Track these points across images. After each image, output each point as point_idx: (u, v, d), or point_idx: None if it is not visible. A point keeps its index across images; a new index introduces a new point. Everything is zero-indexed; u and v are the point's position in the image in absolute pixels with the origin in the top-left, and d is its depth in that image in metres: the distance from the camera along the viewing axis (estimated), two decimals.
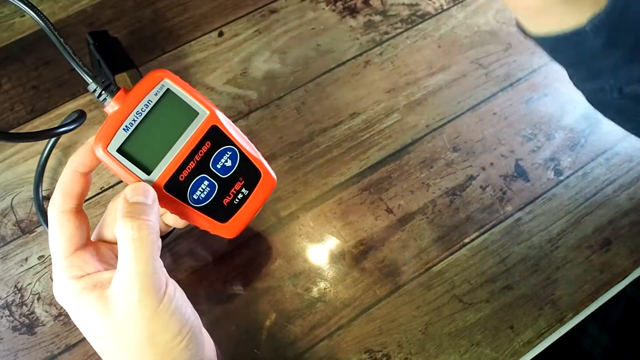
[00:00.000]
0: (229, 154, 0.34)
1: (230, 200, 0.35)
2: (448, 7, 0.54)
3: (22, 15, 0.51)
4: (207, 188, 0.34)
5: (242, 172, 0.34)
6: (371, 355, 0.41)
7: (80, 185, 0.33)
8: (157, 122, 0.32)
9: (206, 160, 0.33)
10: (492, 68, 0.51)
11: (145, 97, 0.32)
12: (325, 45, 0.51)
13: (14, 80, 0.48)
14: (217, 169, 0.34)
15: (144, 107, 0.32)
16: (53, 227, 0.33)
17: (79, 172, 0.33)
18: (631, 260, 0.44)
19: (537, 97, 0.50)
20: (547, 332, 0.41)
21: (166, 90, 0.32)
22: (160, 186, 0.33)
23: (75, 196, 0.33)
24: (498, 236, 0.44)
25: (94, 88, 0.32)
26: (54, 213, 0.33)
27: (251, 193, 0.35)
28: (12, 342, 0.40)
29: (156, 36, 0.51)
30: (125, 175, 0.32)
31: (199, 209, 0.34)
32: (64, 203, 0.33)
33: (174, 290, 0.33)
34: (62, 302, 0.34)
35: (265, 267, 0.43)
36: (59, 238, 0.33)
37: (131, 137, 0.32)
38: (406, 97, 0.50)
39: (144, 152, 0.32)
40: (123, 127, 0.32)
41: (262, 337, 0.41)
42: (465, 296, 0.42)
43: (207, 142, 0.33)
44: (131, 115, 0.32)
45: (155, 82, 0.32)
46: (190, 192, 0.33)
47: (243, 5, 0.53)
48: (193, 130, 0.33)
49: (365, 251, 0.44)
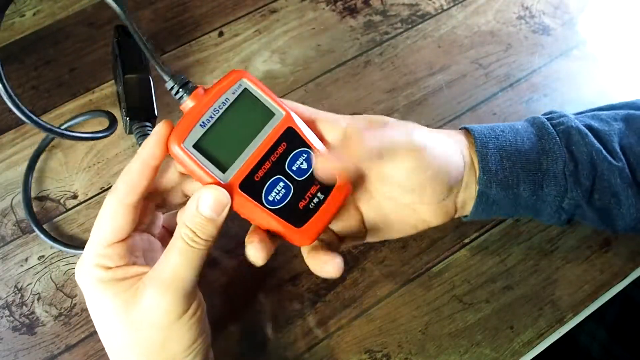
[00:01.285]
0: (304, 157, 0.33)
1: (306, 204, 0.33)
2: (448, 7, 0.54)
3: (22, 15, 0.51)
4: (282, 190, 0.33)
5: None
6: (371, 355, 0.41)
7: (147, 179, 0.32)
8: (233, 120, 0.32)
9: (282, 161, 0.33)
10: (492, 68, 0.51)
11: (223, 95, 0.32)
12: (325, 45, 0.51)
13: (13, 80, 0.48)
14: (292, 171, 0.33)
15: (221, 104, 0.32)
16: (105, 214, 0.32)
17: (149, 165, 0.32)
18: (631, 261, 0.44)
19: (537, 98, 0.50)
20: (547, 332, 0.41)
21: (243, 90, 0.32)
22: (235, 185, 0.32)
23: (140, 191, 0.32)
24: (498, 236, 0.44)
25: (171, 85, 0.32)
26: (112, 202, 0.32)
27: (327, 198, 0.33)
28: (12, 342, 0.40)
29: (156, 36, 0.51)
30: (199, 172, 0.31)
31: (274, 212, 0.33)
32: (127, 195, 0.32)
33: (198, 305, 0.32)
34: (84, 287, 0.33)
35: (266, 267, 0.43)
36: (106, 227, 0.32)
37: (207, 134, 0.31)
38: (406, 97, 0.50)
39: (220, 149, 0.32)
40: (200, 123, 0.31)
41: (262, 337, 0.41)
42: (465, 296, 0.42)
43: (283, 143, 0.33)
44: (208, 112, 0.31)
45: (234, 81, 0.32)
46: (265, 193, 0.32)
47: (243, 5, 0.53)
48: (269, 130, 0.32)
49: (365, 251, 0.44)
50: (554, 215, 0.38)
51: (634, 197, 0.37)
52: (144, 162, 0.32)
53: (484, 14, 0.54)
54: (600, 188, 0.37)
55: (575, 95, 0.51)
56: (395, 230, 0.38)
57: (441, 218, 0.37)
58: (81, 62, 0.49)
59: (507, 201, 0.37)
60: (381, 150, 0.33)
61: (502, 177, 0.36)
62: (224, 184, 0.32)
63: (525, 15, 0.54)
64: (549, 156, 0.37)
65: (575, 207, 0.37)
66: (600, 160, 0.37)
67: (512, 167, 0.37)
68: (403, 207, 0.37)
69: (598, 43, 0.53)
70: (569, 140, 0.38)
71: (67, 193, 0.45)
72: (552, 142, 0.37)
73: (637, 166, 0.37)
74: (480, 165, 0.36)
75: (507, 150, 0.37)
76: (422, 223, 0.38)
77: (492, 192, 0.37)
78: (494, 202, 0.37)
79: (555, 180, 0.37)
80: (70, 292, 0.41)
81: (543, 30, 0.53)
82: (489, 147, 0.37)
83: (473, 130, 0.38)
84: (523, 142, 0.38)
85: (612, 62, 0.52)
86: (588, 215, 0.38)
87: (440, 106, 0.49)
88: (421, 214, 0.37)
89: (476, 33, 0.53)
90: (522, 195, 0.37)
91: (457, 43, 0.52)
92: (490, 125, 0.39)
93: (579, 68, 0.52)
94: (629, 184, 0.37)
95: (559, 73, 0.51)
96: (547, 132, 0.38)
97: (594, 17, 0.55)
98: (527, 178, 0.37)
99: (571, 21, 0.54)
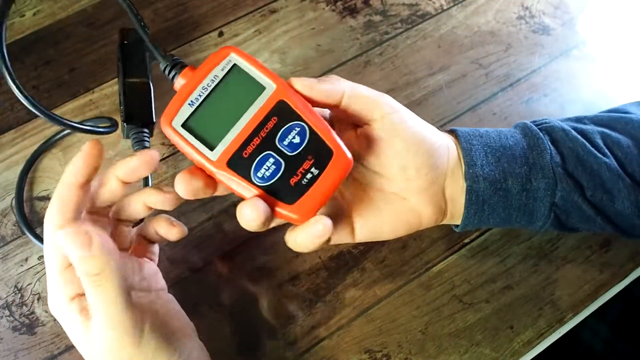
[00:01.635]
0: (297, 130, 0.32)
1: (298, 180, 0.32)
2: (448, 7, 0.54)
3: (22, 15, 0.51)
4: (272, 166, 0.32)
5: (312, 150, 0.32)
6: (371, 355, 0.41)
7: (77, 196, 0.32)
8: (222, 97, 0.31)
9: (272, 136, 0.32)
10: (492, 68, 0.51)
11: (212, 72, 0.31)
12: (325, 45, 0.51)
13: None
14: (283, 146, 0.32)
15: (210, 82, 0.31)
16: (48, 241, 0.32)
17: (74, 184, 0.32)
18: (631, 261, 0.44)
19: (537, 98, 0.50)
20: (547, 332, 0.42)
21: (233, 65, 0.32)
22: (223, 162, 0.31)
23: (71, 209, 0.32)
24: (498, 236, 0.44)
25: (164, 65, 0.32)
26: (49, 229, 0.32)
27: (322, 173, 0.32)
28: (12, 342, 0.40)
29: (156, 36, 0.51)
30: (189, 151, 0.31)
31: (264, 189, 0.32)
32: (58, 218, 0.32)
33: (153, 324, 0.32)
34: (56, 315, 0.34)
35: (266, 267, 0.43)
36: (53, 252, 0.32)
37: (196, 113, 0.31)
38: (406, 97, 0.50)
39: (208, 127, 0.31)
40: (188, 102, 0.31)
41: (262, 337, 0.41)
42: (465, 296, 0.42)
43: (274, 118, 0.32)
44: (196, 91, 0.31)
45: (222, 57, 0.32)
46: (254, 170, 0.32)
47: (243, 5, 0.53)
48: (259, 105, 0.32)
49: (365, 251, 0.44)
50: (549, 216, 0.38)
51: (625, 190, 0.37)
52: (70, 183, 0.32)
53: (484, 14, 0.54)
54: (592, 185, 0.37)
55: (575, 95, 0.51)
56: (387, 225, 0.37)
57: (432, 209, 0.37)
58: (81, 62, 0.49)
59: (497, 199, 0.37)
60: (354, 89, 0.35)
61: (488, 170, 0.37)
62: (213, 161, 0.31)
63: (525, 15, 0.54)
64: (534, 150, 0.37)
65: (570, 206, 0.37)
66: (586, 155, 0.37)
67: (498, 162, 0.37)
68: (394, 198, 0.37)
69: (598, 43, 0.53)
70: (553, 136, 0.38)
71: None
72: (537, 138, 0.38)
73: (626, 160, 0.37)
74: (465, 160, 0.37)
75: (492, 146, 0.37)
76: (414, 217, 0.37)
77: (480, 188, 0.37)
78: (484, 201, 0.37)
79: (543, 172, 0.37)
80: None
81: (543, 30, 0.53)
82: (473, 144, 0.37)
83: (457, 130, 0.39)
84: (507, 139, 0.38)
85: (612, 62, 0.52)
86: (587, 215, 0.38)
87: (440, 106, 0.49)
88: (412, 203, 0.37)
89: (476, 33, 0.53)
90: (512, 191, 0.37)
91: (457, 43, 0.52)
92: (474, 128, 0.40)
93: (579, 68, 0.52)
94: (618, 176, 0.37)
95: (559, 73, 0.51)
96: (531, 130, 0.38)
97: (594, 17, 0.55)
98: (513, 172, 0.37)
99: (571, 21, 0.54)
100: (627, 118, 0.40)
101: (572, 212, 0.38)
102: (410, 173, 0.36)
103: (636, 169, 0.37)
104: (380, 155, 0.36)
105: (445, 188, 0.37)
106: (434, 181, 0.36)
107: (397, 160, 0.35)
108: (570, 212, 0.38)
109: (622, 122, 0.40)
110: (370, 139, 0.36)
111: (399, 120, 0.35)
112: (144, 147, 0.42)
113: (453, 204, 0.38)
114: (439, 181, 0.37)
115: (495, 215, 0.38)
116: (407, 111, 0.37)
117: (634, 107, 0.42)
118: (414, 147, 0.35)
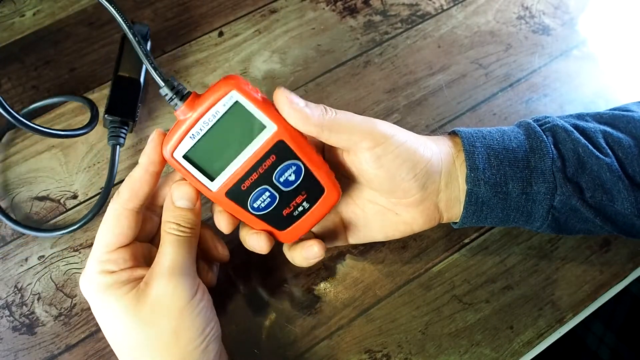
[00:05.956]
0: (293, 169, 0.34)
1: (290, 212, 0.36)
2: (448, 7, 0.54)
3: (21, 15, 0.51)
4: (267, 199, 0.35)
5: (305, 186, 0.35)
6: (371, 355, 0.41)
7: (149, 185, 0.34)
8: (223, 132, 0.33)
9: (269, 173, 0.34)
10: (492, 68, 0.51)
11: (213, 107, 0.32)
12: (325, 45, 0.51)
13: (14, 80, 0.48)
14: (279, 182, 0.35)
15: (211, 117, 0.33)
16: (109, 220, 0.34)
17: (149, 172, 0.34)
18: (631, 261, 0.44)
19: (536, 98, 0.50)
20: (547, 332, 0.42)
21: (234, 103, 0.33)
22: (222, 193, 0.34)
23: (142, 196, 0.34)
24: (498, 236, 0.44)
25: (165, 92, 0.33)
26: (116, 207, 0.34)
27: (312, 207, 0.36)
28: (12, 342, 0.40)
29: (156, 36, 0.51)
30: (191, 180, 0.34)
31: (258, 216, 0.36)
32: (129, 201, 0.34)
33: (204, 292, 0.34)
34: (88, 295, 0.34)
35: (266, 267, 0.43)
36: (109, 232, 0.34)
37: (197, 146, 0.33)
38: (406, 97, 0.50)
39: (209, 160, 0.34)
40: (190, 135, 0.33)
41: (262, 337, 0.41)
42: (465, 296, 0.42)
43: (272, 156, 0.34)
44: (198, 124, 0.33)
45: (225, 93, 0.32)
46: (251, 201, 0.35)
47: (243, 5, 0.53)
48: (259, 143, 0.33)
49: (365, 251, 0.44)
50: (547, 218, 0.38)
51: (625, 191, 0.37)
52: (144, 169, 0.34)
53: (484, 14, 0.54)
54: (591, 186, 0.37)
55: (575, 95, 0.51)
56: (379, 233, 0.40)
57: (424, 222, 0.38)
58: (81, 62, 0.49)
59: (496, 201, 0.37)
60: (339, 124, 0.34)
61: (489, 174, 0.37)
62: (213, 191, 0.34)
63: (525, 15, 0.54)
64: (536, 154, 0.37)
65: (568, 209, 0.37)
66: (588, 156, 0.37)
67: (500, 165, 0.37)
68: (385, 211, 0.39)
69: (598, 43, 0.53)
70: (555, 137, 0.38)
71: (67, 193, 0.45)
72: (539, 140, 0.38)
73: (627, 160, 0.37)
74: (468, 164, 0.37)
75: (495, 148, 0.37)
76: (406, 227, 0.39)
77: (480, 191, 0.37)
78: (483, 202, 0.37)
79: (543, 177, 0.37)
80: (70, 292, 0.41)
81: (543, 30, 0.53)
82: (476, 146, 0.37)
83: (460, 131, 0.39)
84: (510, 140, 0.38)
85: (612, 62, 0.52)
86: (586, 217, 0.38)
87: (440, 106, 0.49)
88: (403, 217, 0.38)
89: (476, 33, 0.53)
90: (512, 194, 0.37)
91: (457, 43, 0.52)
92: (477, 128, 0.40)
93: (579, 68, 0.52)
94: (619, 177, 0.37)
95: (559, 73, 0.51)
96: (534, 131, 0.38)
97: (594, 17, 0.55)
98: (515, 175, 0.37)
99: (571, 21, 0.54)
100: (629, 116, 0.40)
101: (570, 214, 0.38)
102: (399, 194, 0.37)
103: (636, 169, 0.37)
104: (370, 182, 0.37)
105: (439, 202, 0.38)
106: (425, 198, 0.37)
107: (386, 185, 0.36)
108: (569, 215, 0.38)
109: (624, 121, 0.40)
110: (358, 167, 0.36)
111: (383, 153, 0.35)
112: (118, 143, 0.44)
113: (449, 211, 0.38)
114: (431, 198, 0.37)
115: (494, 215, 0.38)
116: (395, 136, 0.35)
117: (635, 105, 0.42)
118: (402, 174, 0.35)
